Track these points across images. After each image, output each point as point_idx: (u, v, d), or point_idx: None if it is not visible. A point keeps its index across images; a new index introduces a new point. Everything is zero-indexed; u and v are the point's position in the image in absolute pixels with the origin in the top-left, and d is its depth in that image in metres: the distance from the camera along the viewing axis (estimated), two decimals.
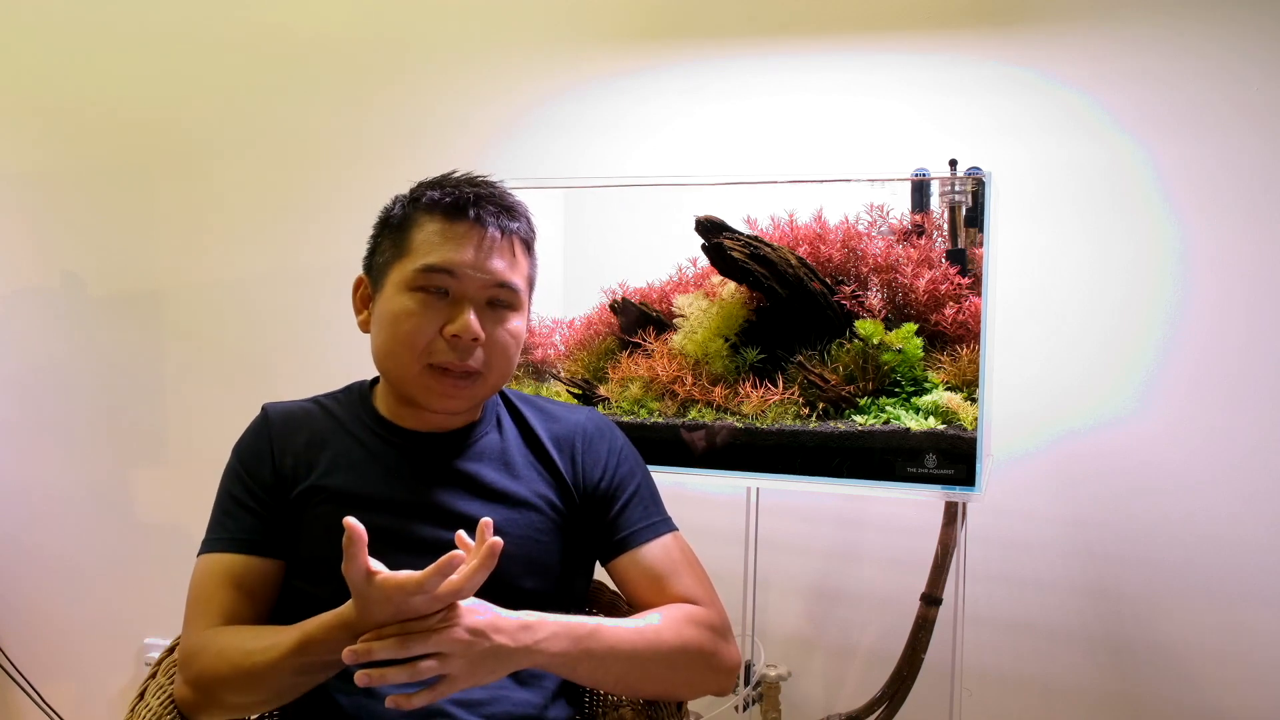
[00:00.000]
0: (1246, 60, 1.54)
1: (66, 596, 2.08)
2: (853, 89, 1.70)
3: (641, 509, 1.15)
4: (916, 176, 1.39)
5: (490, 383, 1.09)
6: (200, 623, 1.03)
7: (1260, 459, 1.56)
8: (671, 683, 1.06)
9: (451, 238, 1.05)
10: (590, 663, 0.98)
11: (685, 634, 1.05)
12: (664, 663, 1.03)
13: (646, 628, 1.03)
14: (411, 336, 1.05)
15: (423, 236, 1.06)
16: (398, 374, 1.08)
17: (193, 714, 1.03)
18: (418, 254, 1.06)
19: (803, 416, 1.33)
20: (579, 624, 0.99)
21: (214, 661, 0.99)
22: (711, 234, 1.38)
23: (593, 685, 1.05)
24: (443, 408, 1.08)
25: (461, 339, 1.04)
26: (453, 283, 1.05)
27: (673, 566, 1.12)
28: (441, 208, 1.07)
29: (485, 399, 1.13)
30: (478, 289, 1.06)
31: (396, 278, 1.07)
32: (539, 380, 1.52)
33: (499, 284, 1.07)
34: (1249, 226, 1.55)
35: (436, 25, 1.90)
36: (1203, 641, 1.59)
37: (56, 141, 2.04)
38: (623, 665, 1.00)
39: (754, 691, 1.54)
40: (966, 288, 1.31)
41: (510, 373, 1.12)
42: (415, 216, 1.08)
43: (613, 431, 1.20)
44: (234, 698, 0.99)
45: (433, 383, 1.06)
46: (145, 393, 2.04)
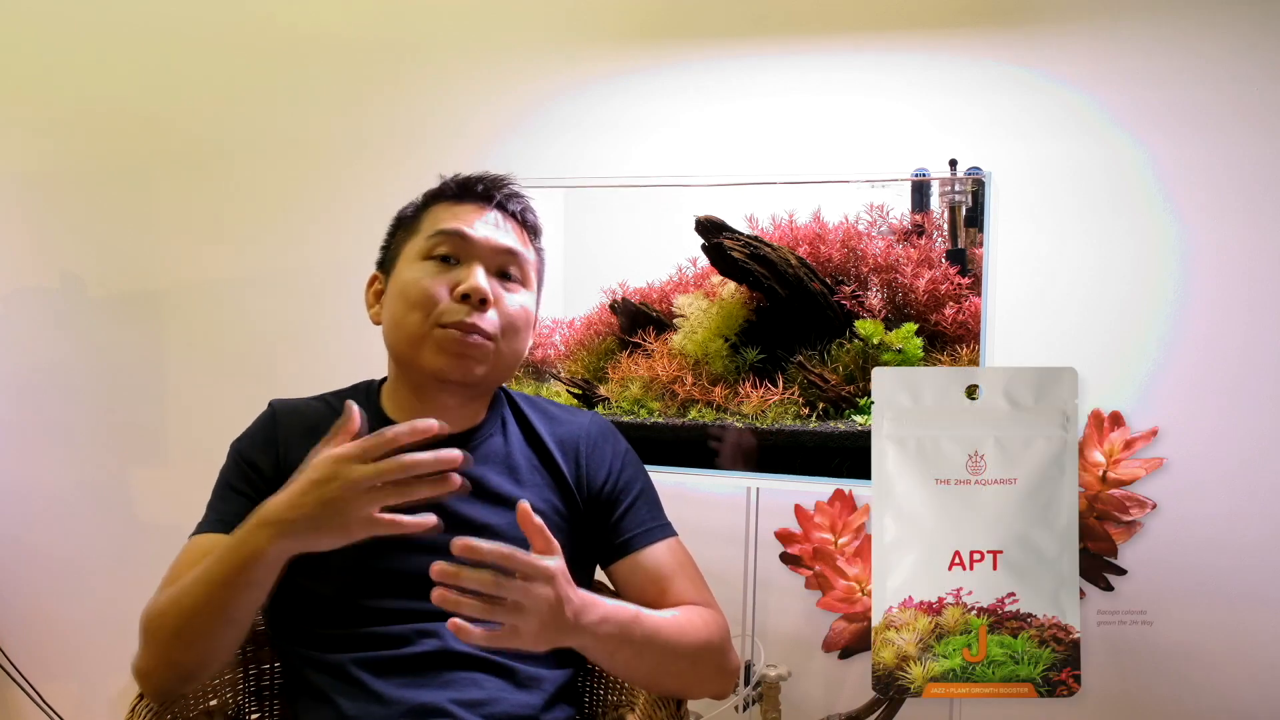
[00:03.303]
0: (1246, 60, 1.54)
1: (66, 596, 2.08)
2: (853, 89, 1.70)
3: (643, 513, 1.15)
4: (916, 176, 1.39)
5: (503, 352, 1.09)
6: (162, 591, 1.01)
7: (1260, 459, 1.56)
8: (689, 678, 1.07)
9: (461, 212, 1.11)
10: (629, 650, 0.99)
11: (704, 632, 1.07)
12: (689, 657, 1.04)
13: (677, 620, 1.05)
14: (422, 298, 1.06)
15: (434, 216, 1.11)
16: (409, 339, 1.07)
17: (145, 683, 1.00)
18: (427, 227, 1.10)
19: (803, 416, 1.33)
20: (624, 609, 0.99)
21: (155, 601, 0.98)
22: (711, 234, 1.38)
23: (622, 673, 1.05)
24: (456, 371, 1.07)
25: (472, 297, 1.05)
26: (462, 246, 1.08)
27: (674, 570, 1.12)
28: (452, 190, 1.13)
29: (496, 373, 1.11)
30: (487, 253, 1.09)
31: (408, 252, 1.11)
32: (539, 380, 1.52)
33: (506, 250, 1.10)
34: (1249, 226, 1.55)
35: (437, 25, 1.90)
36: (1203, 642, 1.59)
37: (56, 141, 2.04)
38: (656, 655, 1.01)
39: (754, 691, 1.54)
40: (966, 288, 1.32)
41: (520, 349, 1.12)
42: (427, 205, 1.14)
43: (616, 436, 1.20)
44: (164, 631, 0.95)
45: (445, 341, 1.06)
46: (145, 393, 2.04)
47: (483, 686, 1.02)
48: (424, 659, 1.02)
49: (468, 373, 1.07)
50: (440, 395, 1.10)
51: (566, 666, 1.11)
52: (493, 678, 1.03)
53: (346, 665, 1.02)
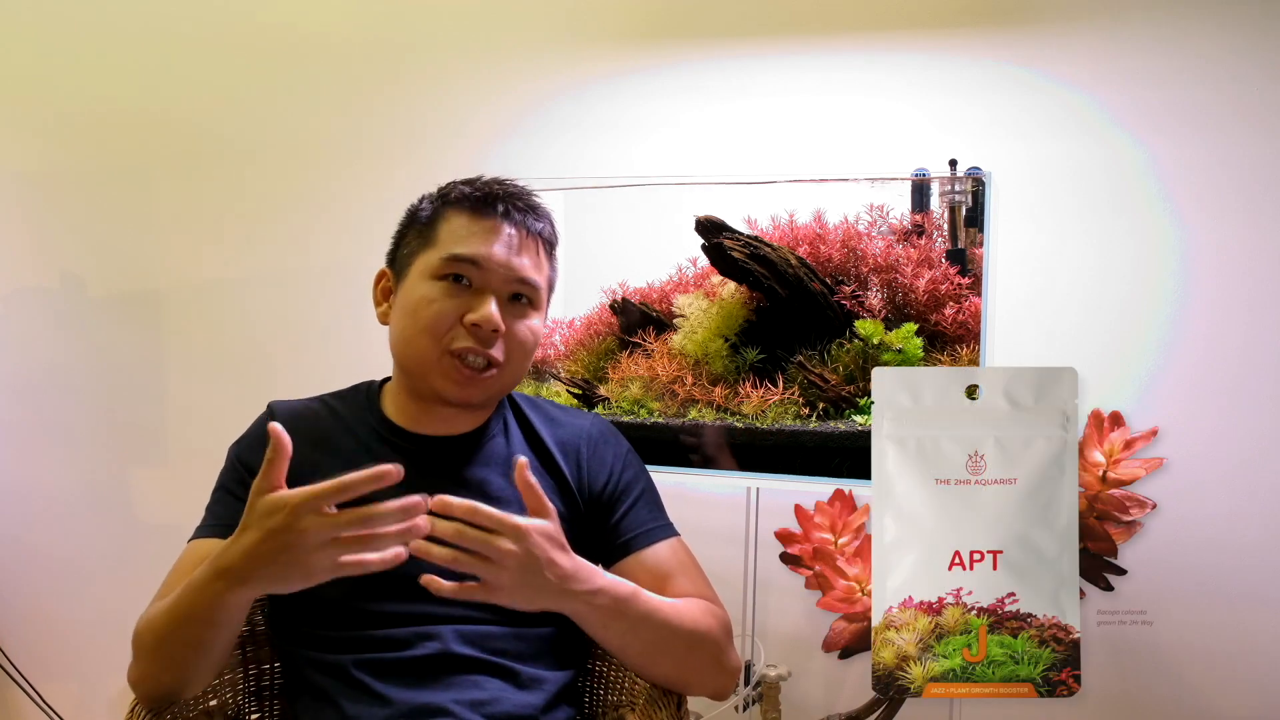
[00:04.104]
0: (1246, 60, 1.54)
1: (66, 596, 2.08)
2: (853, 89, 1.70)
3: (645, 514, 1.15)
4: (916, 176, 1.39)
5: (506, 378, 1.10)
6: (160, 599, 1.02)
7: (1260, 459, 1.56)
8: (685, 667, 1.07)
9: (478, 231, 1.07)
10: (623, 625, 1.00)
11: (705, 623, 1.07)
12: (684, 643, 1.05)
13: (676, 605, 1.06)
14: (433, 323, 1.05)
15: (449, 229, 1.09)
16: (417, 360, 1.08)
17: (137, 690, 1.01)
18: (444, 244, 1.08)
19: (803, 416, 1.33)
20: (621, 584, 1.01)
21: (143, 616, 0.99)
22: (711, 234, 1.38)
23: (616, 650, 1.05)
24: (460, 397, 1.08)
25: (482, 328, 1.05)
26: (477, 273, 1.06)
27: (677, 567, 1.13)
28: (470, 202, 1.09)
29: (500, 395, 1.13)
30: (501, 282, 1.07)
31: (421, 267, 1.08)
32: (539, 380, 1.52)
33: (521, 279, 1.08)
34: (1249, 226, 1.55)
35: (437, 26, 1.90)
36: (1202, 642, 1.59)
37: (56, 141, 2.04)
38: (651, 635, 1.02)
39: (754, 691, 1.54)
40: (966, 288, 1.32)
41: (525, 370, 1.13)
42: (443, 211, 1.11)
43: (617, 437, 1.20)
44: (147, 650, 0.97)
45: (451, 370, 1.06)
46: (145, 393, 2.04)
47: (484, 687, 1.02)
48: (425, 662, 1.02)
49: (471, 398, 1.09)
50: (443, 408, 1.11)
51: (568, 668, 1.11)
52: (494, 679, 1.03)
53: (348, 667, 1.02)
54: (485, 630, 1.04)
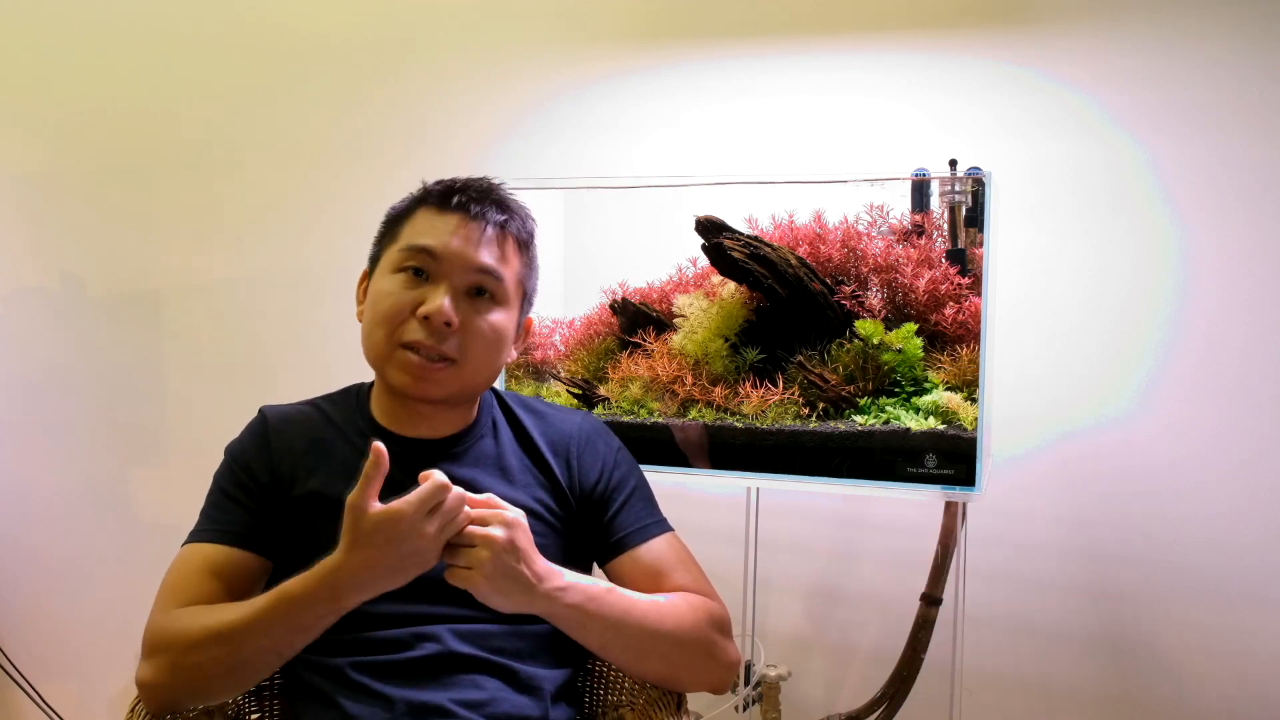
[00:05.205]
0: (1246, 60, 1.54)
1: (66, 596, 2.08)
2: (853, 89, 1.70)
3: (638, 510, 1.15)
4: (916, 176, 1.38)
5: (467, 374, 1.08)
6: (169, 604, 1.01)
7: (1260, 459, 1.55)
8: (675, 664, 1.07)
9: (439, 224, 1.07)
10: (601, 624, 1.00)
11: (691, 617, 1.06)
12: (670, 640, 1.04)
13: (656, 601, 1.05)
14: (387, 314, 1.05)
15: (413, 223, 1.09)
16: (374, 354, 1.08)
17: (155, 697, 1.00)
18: (405, 237, 1.08)
19: (803, 416, 1.33)
20: (595, 584, 1.01)
21: (184, 625, 0.98)
22: (711, 234, 1.38)
23: (600, 650, 1.05)
24: (416, 390, 1.07)
25: (432, 320, 1.04)
26: (433, 264, 1.06)
27: (673, 562, 1.12)
28: (435, 197, 1.10)
29: (464, 392, 1.11)
30: (458, 274, 1.06)
31: (385, 261, 1.09)
32: (539, 380, 1.52)
33: (480, 269, 1.07)
34: (1249, 226, 1.55)
35: (437, 25, 1.90)
36: (1202, 642, 1.59)
37: (56, 141, 2.04)
38: (632, 632, 1.02)
39: (754, 691, 1.54)
40: (966, 288, 1.31)
41: (492, 366, 1.11)
42: (412, 208, 1.11)
43: (608, 435, 1.20)
44: (199, 658, 0.96)
45: (404, 363, 1.05)
46: (145, 393, 2.04)
47: (483, 687, 1.02)
48: (424, 662, 1.02)
49: (426, 393, 1.07)
50: (420, 405, 1.11)
51: (565, 666, 1.11)
52: (492, 679, 1.03)
53: (346, 669, 1.02)
54: (483, 629, 1.04)
